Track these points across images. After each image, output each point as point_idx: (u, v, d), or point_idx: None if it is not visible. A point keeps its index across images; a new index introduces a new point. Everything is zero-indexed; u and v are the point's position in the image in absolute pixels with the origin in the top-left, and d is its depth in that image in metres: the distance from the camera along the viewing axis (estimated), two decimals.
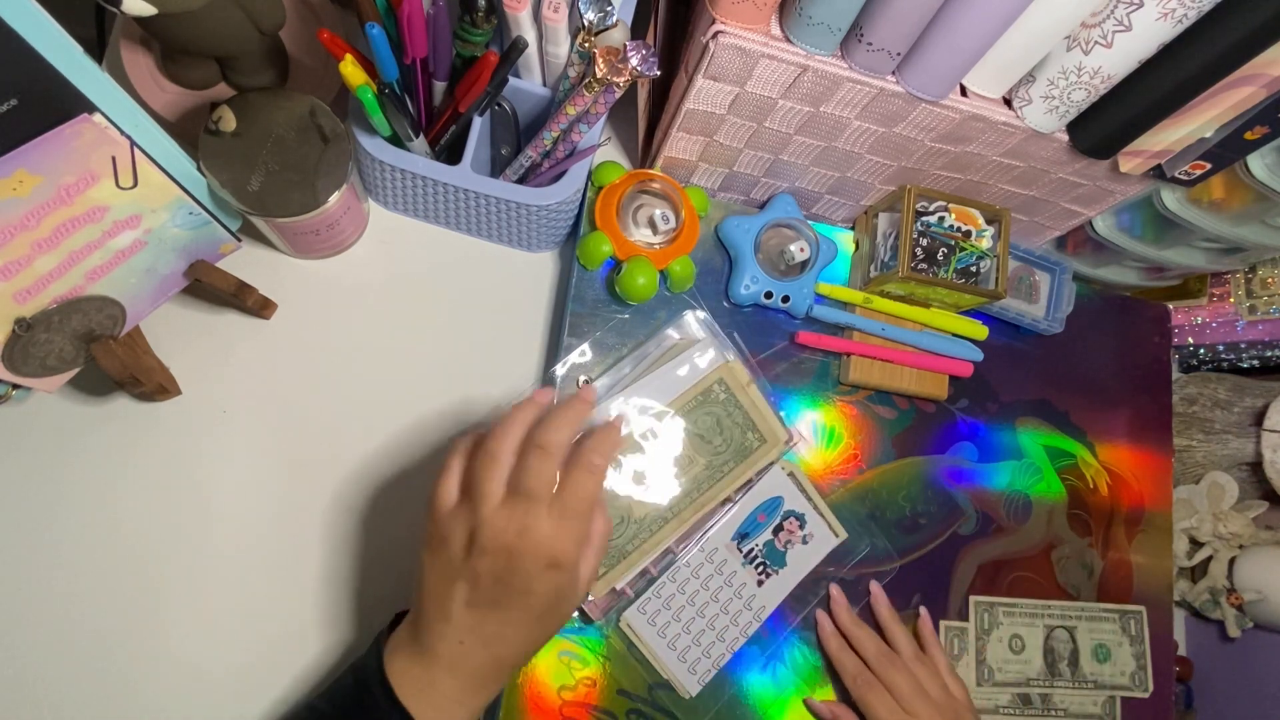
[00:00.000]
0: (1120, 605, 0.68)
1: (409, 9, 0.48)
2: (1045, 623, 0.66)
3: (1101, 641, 0.66)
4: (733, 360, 0.59)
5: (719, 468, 0.58)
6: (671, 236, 0.60)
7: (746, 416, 0.58)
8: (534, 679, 0.55)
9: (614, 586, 0.55)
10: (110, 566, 0.54)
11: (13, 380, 0.47)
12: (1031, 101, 0.52)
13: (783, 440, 0.59)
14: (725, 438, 0.58)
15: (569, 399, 0.44)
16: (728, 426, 0.58)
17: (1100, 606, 0.67)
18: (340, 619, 0.57)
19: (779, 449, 0.59)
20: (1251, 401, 0.74)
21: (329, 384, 0.60)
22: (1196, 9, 0.43)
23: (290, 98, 0.52)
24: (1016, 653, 0.65)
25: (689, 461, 0.57)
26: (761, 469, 0.59)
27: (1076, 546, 0.69)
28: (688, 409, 0.58)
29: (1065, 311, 0.70)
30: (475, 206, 0.59)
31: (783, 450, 0.59)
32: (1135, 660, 0.67)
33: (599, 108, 0.52)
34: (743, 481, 0.58)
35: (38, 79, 0.38)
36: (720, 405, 0.58)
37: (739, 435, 0.58)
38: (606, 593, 0.55)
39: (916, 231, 0.61)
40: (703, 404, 0.58)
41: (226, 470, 0.57)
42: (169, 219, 0.47)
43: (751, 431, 0.58)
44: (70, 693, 0.52)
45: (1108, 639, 0.67)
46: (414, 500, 0.59)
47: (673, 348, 0.59)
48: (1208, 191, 0.59)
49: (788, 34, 0.48)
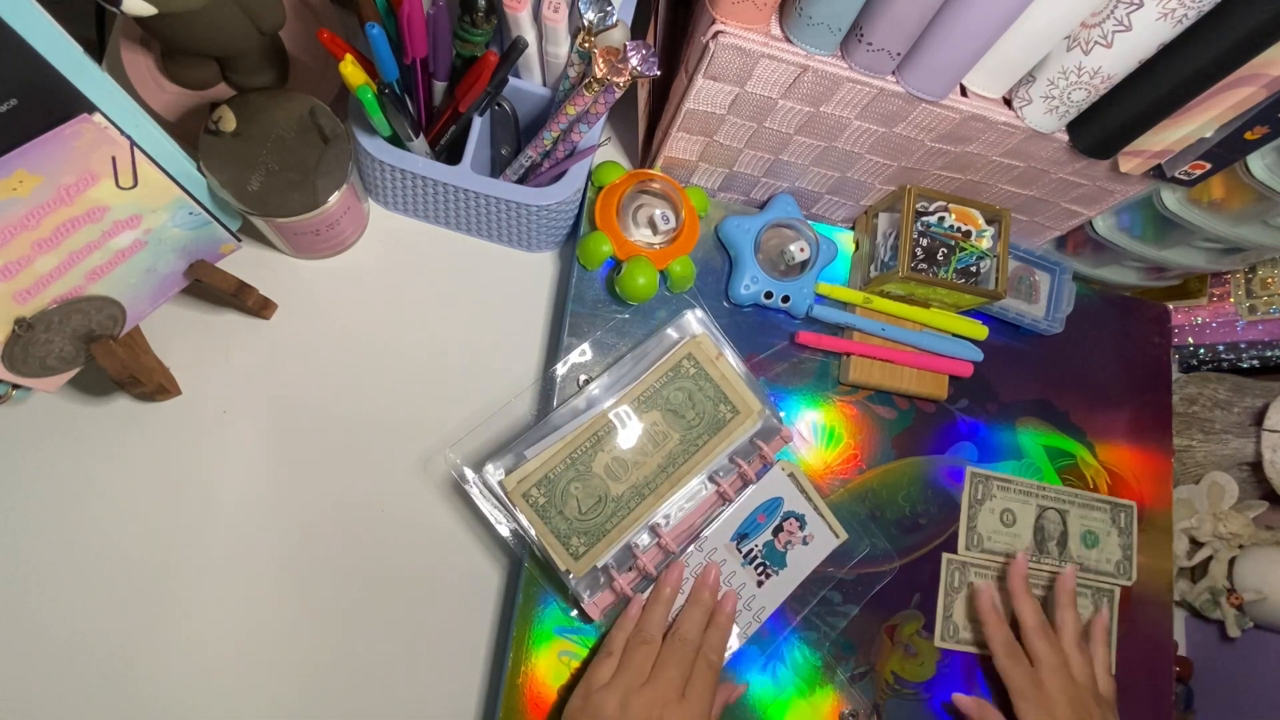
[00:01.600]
0: (1112, 498, 0.70)
1: (409, 9, 0.48)
2: (1038, 503, 0.68)
3: (1091, 529, 0.68)
4: (700, 335, 0.60)
5: (693, 441, 0.58)
6: (671, 236, 0.60)
7: (718, 389, 0.59)
8: (534, 679, 0.55)
9: (595, 565, 0.55)
10: (110, 566, 0.54)
11: (13, 380, 0.47)
12: (1031, 101, 0.52)
13: (756, 410, 0.59)
14: (698, 411, 0.58)
15: (705, 599, 0.56)
16: (699, 400, 0.58)
17: (1093, 496, 0.69)
18: (340, 618, 0.57)
19: (753, 419, 0.59)
20: (1251, 401, 0.74)
21: (329, 384, 0.60)
22: (1196, 9, 0.43)
23: (290, 98, 0.52)
24: (1007, 525, 0.66)
25: (663, 437, 0.58)
26: (737, 440, 0.59)
27: None
28: (659, 384, 0.58)
29: (1065, 311, 0.70)
30: (475, 206, 0.59)
31: (757, 420, 0.59)
32: (1122, 550, 0.69)
33: (599, 108, 0.52)
34: (718, 453, 0.58)
35: (38, 79, 0.38)
36: (691, 379, 0.59)
37: (711, 408, 0.59)
38: (587, 571, 0.55)
39: (916, 231, 0.61)
40: (674, 379, 0.58)
41: (226, 470, 0.57)
42: (169, 219, 0.47)
43: (724, 404, 0.59)
44: (70, 693, 0.52)
45: (1097, 527, 0.68)
46: (413, 499, 0.59)
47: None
48: (1208, 191, 0.59)
49: (788, 34, 0.48)
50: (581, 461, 0.56)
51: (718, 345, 0.60)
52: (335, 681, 0.56)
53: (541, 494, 0.55)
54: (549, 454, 0.56)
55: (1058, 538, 0.67)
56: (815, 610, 0.61)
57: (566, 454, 0.56)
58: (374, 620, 0.57)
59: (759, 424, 0.59)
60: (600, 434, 0.57)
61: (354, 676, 0.56)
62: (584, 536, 0.55)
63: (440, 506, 0.59)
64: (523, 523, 0.55)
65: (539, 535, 0.55)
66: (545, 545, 0.55)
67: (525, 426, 0.58)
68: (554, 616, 0.56)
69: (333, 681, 0.56)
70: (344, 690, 0.56)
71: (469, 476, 0.56)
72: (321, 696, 0.55)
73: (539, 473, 0.55)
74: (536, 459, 0.55)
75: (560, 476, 0.55)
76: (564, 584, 0.55)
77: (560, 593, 0.56)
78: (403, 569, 0.58)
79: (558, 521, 0.55)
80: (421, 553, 0.59)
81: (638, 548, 0.56)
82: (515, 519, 0.55)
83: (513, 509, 0.55)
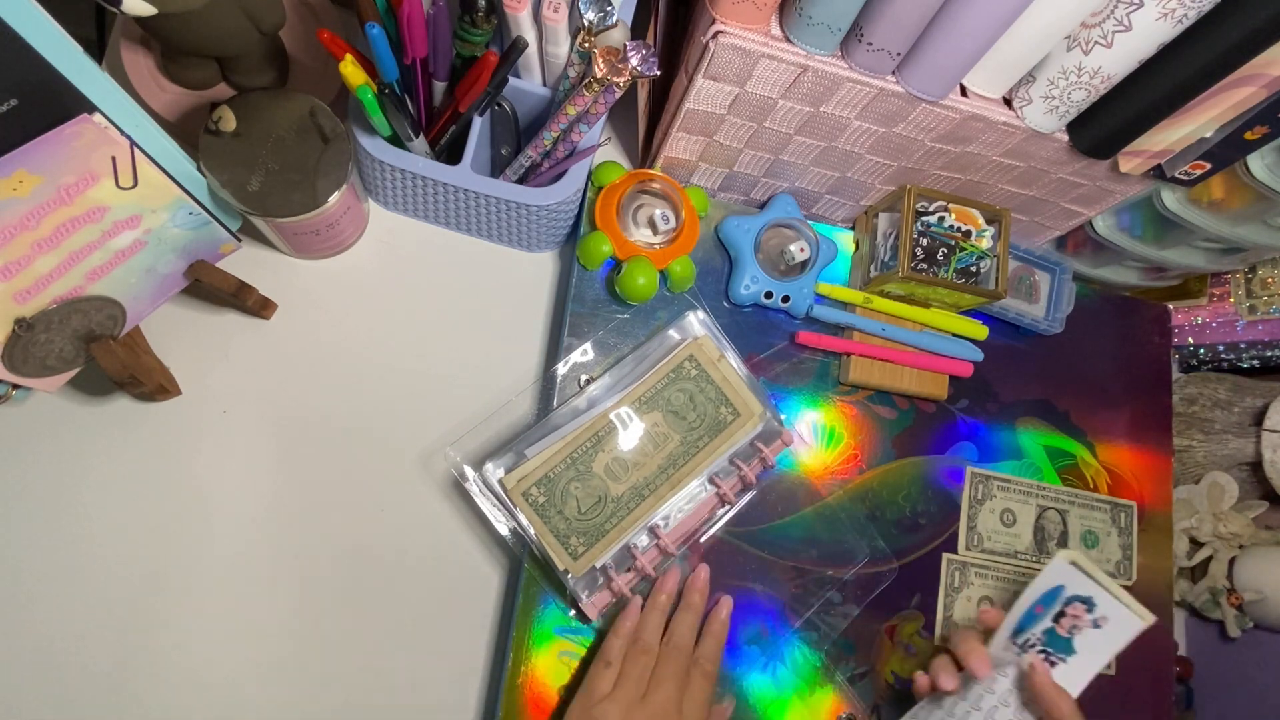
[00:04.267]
0: (1112, 498, 0.70)
1: (409, 9, 0.48)
2: (1038, 503, 0.68)
3: (1091, 529, 0.68)
4: (702, 336, 0.60)
5: (694, 442, 0.58)
6: (671, 236, 0.60)
7: (719, 391, 0.59)
8: (534, 679, 0.55)
9: (594, 565, 0.55)
10: (110, 565, 0.54)
11: (13, 380, 0.47)
12: (1031, 101, 0.52)
13: (757, 413, 0.59)
14: (699, 413, 0.58)
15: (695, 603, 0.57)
16: (700, 402, 0.59)
17: (1093, 496, 0.69)
18: (340, 618, 0.57)
19: (754, 422, 0.59)
20: (1251, 401, 0.74)
21: (328, 384, 0.60)
22: (1196, 9, 0.43)
23: (290, 98, 0.52)
24: (1007, 525, 0.66)
25: (664, 438, 0.58)
26: (738, 442, 0.59)
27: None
28: (660, 385, 0.58)
29: (1065, 311, 0.70)
30: (475, 206, 0.59)
31: (758, 423, 0.59)
32: (1122, 550, 0.69)
33: (599, 108, 0.52)
34: (718, 455, 0.58)
35: (38, 79, 0.38)
36: (692, 381, 0.59)
37: (712, 410, 0.59)
38: (586, 571, 0.55)
39: (916, 231, 0.61)
40: (675, 380, 0.58)
41: (226, 470, 0.57)
42: (169, 219, 0.47)
43: (725, 405, 0.59)
44: (69, 693, 0.52)
45: (1097, 527, 0.68)
46: (413, 500, 0.59)
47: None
48: (1208, 191, 0.59)
49: (788, 34, 0.48)
50: (582, 461, 0.56)
51: (720, 347, 0.60)
52: (335, 681, 0.56)
53: (541, 493, 0.55)
54: (549, 453, 0.56)
55: (1058, 538, 0.67)
56: (815, 611, 0.61)
57: (567, 454, 0.56)
58: (374, 620, 0.57)
59: (760, 426, 0.59)
60: (601, 434, 0.57)
61: (354, 676, 0.56)
62: (583, 536, 0.55)
63: (439, 507, 0.59)
64: (522, 522, 0.55)
65: (538, 534, 0.55)
66: (544, 544, 0.55)
67: (525, 426, 0.58)
68: (554, 617, 0.56)
69: (333, 681, 0.56)
70: (344, 690, 0.56)
71: (469, 475, 0.56)
72: (321, 696, 0.55)
73: (539, 472, 0.55)
74: (537, 458, 0.55)
75: (560, 476, 0.55)
76: (563, 583, 0.55)
77: (559, 592, 0.56)
78: (402, 570, 0.58)
79: (557, 521, 0.55)
80: (421, 554, 0.59)
81: (637, 549, 0.56)
82: (515, 518, 0.55)
83: (512, 508, 0.55)
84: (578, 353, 0.60)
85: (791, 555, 0.61)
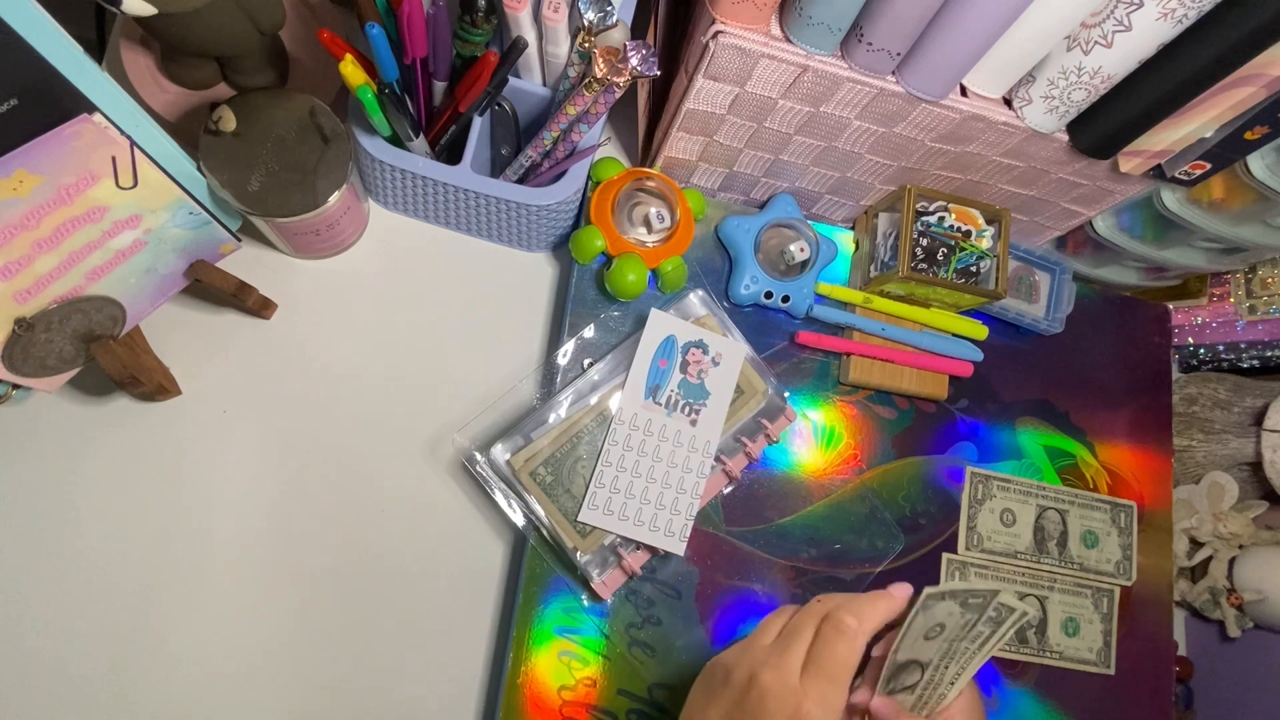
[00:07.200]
0: (1112, 498, 0.70)
1: (409, 9, 0.48)
2: (1038, 503, 0.68)
3: (1091, 529, 0.68)
4: (704, 316, 0.60)
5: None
6: (665, 236, 0.60)
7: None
8: (534, 679, 0.55)
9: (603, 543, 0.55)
10: (110, 566, 0.54)
11: (13, 380, 0.47)
12: (1031, 101, 0.52)
13: (761, 390, 0.60)
14: None
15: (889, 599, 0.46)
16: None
17: (1093, 496, 0.69)
18: (340, 618, 0.57)
19: (758, 399, 0.60)
20: (1251, 401, 0.74)
21: (328, 384, 0.60)
22: (1196, 9, 0.43)
23: (290, 98, 0.52)
24: (1007, 525, 0.66)
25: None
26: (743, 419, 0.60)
27: None
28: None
29: (1065, 311, 0.70)
30: (475, 206, 0.59)
31: (762, 400, 0.60)
32: (1122, 550, 0.69)
33: (599, 108, 0.52)
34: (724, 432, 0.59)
35: (38, 79, 0.38)
36: None
37: None
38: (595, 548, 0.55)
39: (916, 231, 0.61)
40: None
41: (226, 470, 0.57)
42: (169, 219, 0.47)
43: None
44: (69, 693, 0.52)
45: (1097, 527, 0.68)
46: (412, 500, 0.59)
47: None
48: (1208, 191, 0.59)
49: (788, 34, 0.48)
50: (587, 441, 0.56)
51: (723, 327, 0.60)
52: (335, 681, 0.56)
53: (548, 472, 0.55)
54: (555, 434, 0.56)
55: (1058, 538, 0.67)
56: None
57: (572, 434, 0.56)
58: (374, 620, 0.57)
59: (764, 403, 0.60)
60: (605, 413, 0.57)
61: (354, 676, 0.56)
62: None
63: (439, 506, 0.59)
64: (530, 502, 0.55)
65: (546, 514, 0.55)
66: (553, 523, 0.55)
67: (529, 411, 0.58)
68: (554, 616, 0.56)
69: (333, 681, 0.56)
70: (344, 690, 0.56)
71: (477, 458, 0.56)
72: (321, 696, 0.55)
73: (545, 451, 0.56)
74: (543, 439, 0.56)
75: (566, 455, 0.56)
76: (573, 564, 0.55)
77: (570, 573, 0.56)
78: (402, 570, 0.58)
79: (565, 500, 0.55)
80: (421, 555, 0.59)
81: None
82: (523, 499, 0.55)
83: (520, 489, 0.55)
84: (576, 341, 0.60)
85: (791, 555, 0.61)
